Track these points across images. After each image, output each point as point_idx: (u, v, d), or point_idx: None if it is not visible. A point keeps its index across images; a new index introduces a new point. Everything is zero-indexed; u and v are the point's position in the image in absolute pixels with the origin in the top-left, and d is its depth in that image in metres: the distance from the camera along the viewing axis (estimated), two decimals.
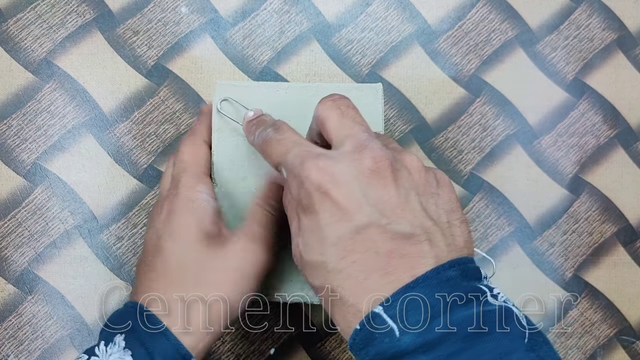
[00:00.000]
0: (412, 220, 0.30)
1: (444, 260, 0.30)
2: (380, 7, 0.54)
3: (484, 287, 0.30)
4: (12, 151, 0.51)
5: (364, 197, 0.30)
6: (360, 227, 0.30)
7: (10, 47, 0.53)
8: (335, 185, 0.30)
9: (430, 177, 0.33)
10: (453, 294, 0.29)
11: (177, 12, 0.53)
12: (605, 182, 0.53)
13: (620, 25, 0.55)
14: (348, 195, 0.30)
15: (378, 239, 0.30)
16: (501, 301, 0.30)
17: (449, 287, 0.29)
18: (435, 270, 0.29)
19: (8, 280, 0.50)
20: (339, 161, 0.31)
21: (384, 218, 0.30)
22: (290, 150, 0.33)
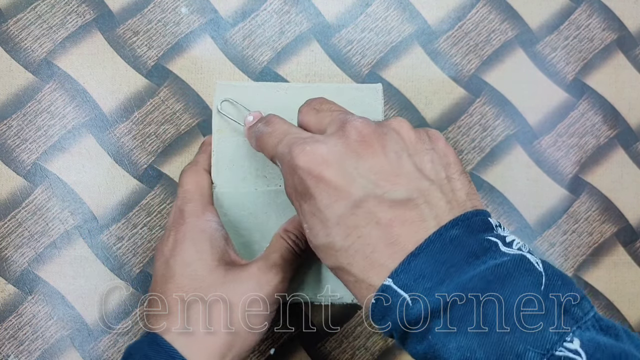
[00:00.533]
0: (407, 185, 0.30)
1: (446, 219, 0.30)
2: (380, 7, 0.54)
3: (493, 239, 0.29)
4: (12, 151, 0.51)
5: (355, 170, 0.30)
6: (357, 201, 0.30)
7: (10, 47, 0.53)
8: (325, 166, 0.30)
9: (421, 135, 0.33)
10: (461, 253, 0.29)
11: (177, 13, 0.53)
12: (605, 182, 0.53)
13: (620, 26, 0.55)
14: (340, 173, 0.30)
15: (377, 210, 0.30)
16: (515, 249, 0.29)
17: (455, 247, 0.29)
18: (438, 232, 0.29)
19: (8, 280, 0.50)
20: (324, 142, 0.31)
21: (379, 188, 0.30)
22: (280, 141, 0.33)
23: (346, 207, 0.30)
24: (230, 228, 0.42)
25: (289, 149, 0.32)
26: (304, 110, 0.36)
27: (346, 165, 0.30)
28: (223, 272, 0.37)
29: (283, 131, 0.34)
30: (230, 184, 0.42)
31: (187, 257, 0.38)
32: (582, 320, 0.27)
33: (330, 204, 0.30)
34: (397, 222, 0.29)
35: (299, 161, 0.31)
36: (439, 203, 0.30)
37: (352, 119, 0.32)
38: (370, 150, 0.31)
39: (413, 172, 0.31)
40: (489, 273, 0.28)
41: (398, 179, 0.30)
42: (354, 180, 0.30)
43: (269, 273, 0.38)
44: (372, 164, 0.30)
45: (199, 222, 0.39)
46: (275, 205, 0.42)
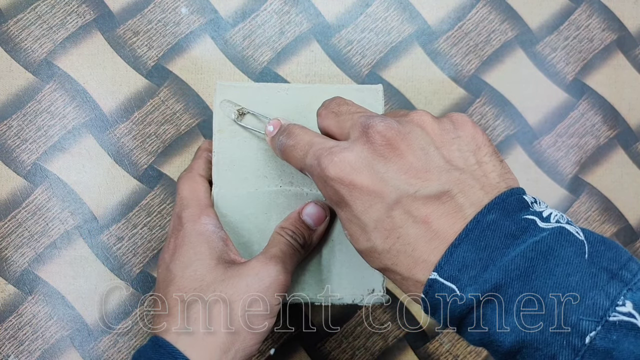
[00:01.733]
0: (438, 178, 0.30)
1: (482, 204, 0.30)
2: (380, 7, 0.54)
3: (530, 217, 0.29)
4: (12, 152, 0.52)
5: (385, 173, 0.30)
6: (392, 203, 0.30)
7: (10, 47, 0.53)
8: (356, 173, 0.31)
9: (446, 124, 0.33)
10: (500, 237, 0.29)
11: (177, 13, 0.53)
12: (605, 182, 0.53)
13: (620, 26, 0.55)
14: (370, 178, 0.31)
15: (412, 209, 0.30)
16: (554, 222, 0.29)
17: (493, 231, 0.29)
18: (475, 220, 0.29)
19: (8, 280, 0.50)
20: (351, 150, 0.31)
21: (411, 186, 0.30)
22: (306, 153, 0.33)
23: (382, 210, 0.30)
24: (230, 228, 0.42)
25: (317, 161, 0.32)
26: (322, 113, 0.36)
27: (375, 169, 0.31)
28: (223, 270, 0.38)
29: (307, 142, 0.34)
30: (231, 184, 0.42)
31: (186, 260, 0.38)
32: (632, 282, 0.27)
33: (365, 210, 0.31)
34: (433, 217, 0.30)
35: (329, 172, 0.31)
36: (473, 190, 0.30)
37: (374, 122, 0.32)
38: (397, 152, 0.31)
39: (442, 165, 0.31)
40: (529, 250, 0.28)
41: (428, 175, 0.30)
42: (385, 183, 0.30)
43: (268, 264, 0.38)
44: (401, 164, 0.31)
45: (196, 226, 0.39)
46: (276, 205, 0.42)
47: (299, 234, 0.40)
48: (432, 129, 0.32)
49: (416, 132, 0.32)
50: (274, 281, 0.37)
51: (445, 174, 0.30)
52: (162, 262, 0.40)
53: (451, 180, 0.30)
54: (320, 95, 0.42)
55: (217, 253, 0.39)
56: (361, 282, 0.42)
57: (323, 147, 0.33)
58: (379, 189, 0.30)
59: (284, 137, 0.36)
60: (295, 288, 0.42)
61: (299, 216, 0.41)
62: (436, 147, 0.31)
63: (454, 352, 0.51)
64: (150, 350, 0.36)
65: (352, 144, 0.32)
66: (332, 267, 0.42)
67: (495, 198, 0.30)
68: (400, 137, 0.31)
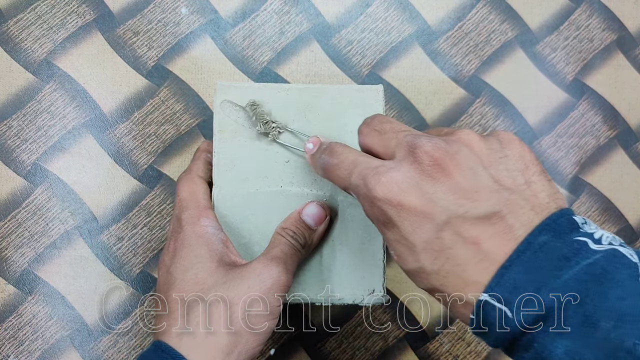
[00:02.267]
0: (488, 199, 0.30)
1: (533, 225, 0.29)
2: (380, 7, 0.54)
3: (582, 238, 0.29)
4: (12, 152, 0.52)
5: (434, 194, 0.30)
6: (441, 224, 0.30)
7: (10, 47, 0.53)
8: (404, 194, 0.30)
9: (493, 143, 0.32)
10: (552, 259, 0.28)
11: (177, 13, 0.53)
12: (605, 182, 0.53)
13: (620, 26, 0.55)
14: (419, 198, 0.30)
15: (462, 230, 0.30)
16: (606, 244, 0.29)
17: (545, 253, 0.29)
18: (526, 241, 0.29)
19: (8, 280, 0.50)
20: (398, 170, 0.31)
21: (460, 207, 0.30)
22: (351, 173, 0.33)
23: (431, 231, 0.30)
24: (231, 229, 0.42)
25: (363, 181, 0.32)
26: (364, 131, 0.35)
27: (424, 190, 0.30)
28: (224, 272, 0.38)
29: (351, 162, 0.34)
30: (231, 185, 0.42)
31: (186, 263, 0.38)
32: None
33: (414, 231, 0.30)
34: (484, 238, 0.29)
35: (376, 193, 0.31)
36: (523, 211, 0.30)
37: (421, 142, 0.31)
38: (445, 172, 0.30)
39: (491, 185, 0.30)
40: (582, 273, 0.28)
41: (477, 195, 0.30)
42: (434, 204, 0.30)
43: (270, 265, 0.38)
44: (449, 185, 0.30)
45: (195, 228, 0.39)
46: (277, 206, 0.42)
47: (299, 234, 0.40)
48: (480, 148, 0.32)
49: (464, 151, 0.31)
50: (276, 282, 0.37)
51: (495, 194, 0.30)
52: (163, 265, 0.40)
53: (501, 201, 0.30)
54: (321, 95, 0.43)
55: (217, 255, 0.38)
56: (362, 282, 0.42)
57: (369, 167, 0.32)
58: (428, 210, 0.30)
59: (327, 155, 0.35)
60: (295, 288, 0.42)
61: (299, 216, 0.41)
62: (484, 166, 0.31)
63: (454, 352, 0.51)
64: (153, 354, 0.36)
65: (398, 164, 0.31)
66: (332, 268, 0.42)
67: (545, 219, 0.30)
68: (448, 157, 0.31)
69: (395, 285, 0.51)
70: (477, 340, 0.51)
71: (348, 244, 0.42)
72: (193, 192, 0.41)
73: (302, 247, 0.40)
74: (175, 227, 0.40)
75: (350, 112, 0.42)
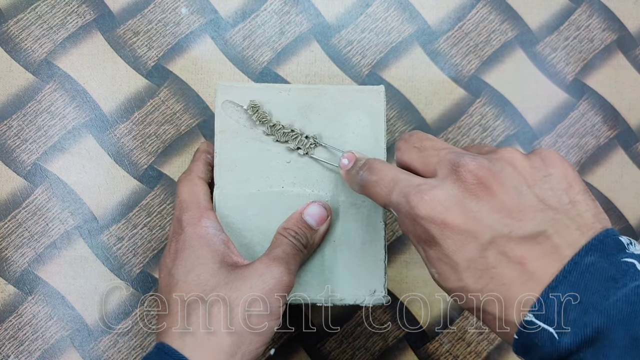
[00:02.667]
0: (533, 218, 0.30)
1: (579, 246, 0.29)
2: (380, 7, 0.54)
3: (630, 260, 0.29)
4: (12, 152, 0.51)
5: (478, 213, 0.30)
6: (486, 243, 0.30)
7: (10, 47, 0.53)
8: (447, 213, 0.30)
9: (536, 162, 0.32)
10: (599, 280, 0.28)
11: (177, 13, 0.53)
12: (605, 182, 0.53)
13: (620, 26, 0.55)
14: (463, 217, 0.30)
15: (507, 249, 0.29)
16: None
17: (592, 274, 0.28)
18: (572, 261, 0.29)
19: (8, 280, 0.50)
20: (441, 188, 0.31)
21: (505, 226, 0.30)
22: (392, 190, 0.33)
23: (475, 250, 0.30)
24: (232, 230, 0.42)
25: (405, 199, 0.32)
26: (402, 147, 0.35)
27: (468, 208, 0.30)
28: (226, 273, 0.37)
29: (391, 179, 0.33)
30: (232, 185, 0.42)
31: (188, 264, 0.38)
32: None
33: (457, 249, 0.30)
34: (529, 258, 0.29)
35: (419, 211, 0.31)
36: (569, 230, 0.30)
37: (465, 161, 0.31)
38: (489, 191, 0.30)
39: (536, 204, 0.30)
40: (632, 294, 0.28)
41: (522, 214, 0.30)
42: (478, 223, 0.30)
43: (272, 265, 0.37)
44: (494, 204, 0.30)
45: (196, 229, 0.39)
46: (278, 206, 0.42)
47: (301, 234, 0.40)
48: (523, 166, 0.31)
49: (507, 170, 0.31)
50: (278, 282, 0.37)
51: (540, 213, 0.30)
52: (164, 267, 0.39)
53: (546, 221, 0.30)
54: (321, 96, 0.43)
55: (219, 256, 0.38)
56: (363, 282, 0.42)
57: (410, 185, 0.32)
58: (472, 229, 0.30)
59: (365, 172, 0.35)
60: (296, 288, 0.42)
61: (301, 216, 0.41)
62: (528, 185, 0.31)
63: (454, 353, 0.51)
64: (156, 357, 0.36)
65: (441, 182, 0.31)
66: (333, 268, 0.42)
67: (592, 239, 0.29)
68: (492, 176, 0.30)
69: (395, 286, 0.51)
70: (477, 340, 0.51)
71: (349, 244, 0.42)
72: (193, 193, 0.41)
73: (304, 247, 0.40)
74: (176, 229, 0.40)
75: (351, 113, 0.42)
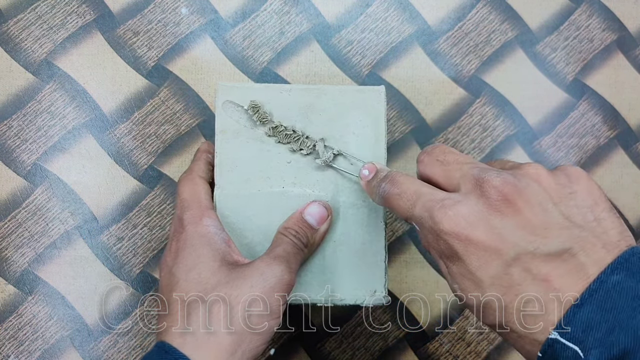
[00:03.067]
0: (559, 235, 0.29)
1: (605, 264, 0.29)
2: (380, 7, 0.54)
3: None
4: (12, 152, 0.51)
5: (502, 229, 0.30)
6: (510, 260, 0.29)
7: (10, 47, 0.53)
8: (472, 228, 0.30)
9: (561, 178, 0.32)
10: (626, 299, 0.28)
11: (177, 13, 0.53)
12: (605, 182, 0.53)
13: (620, 26, 0.55)
14: (487, 233, 0.30)
15: (532, 267, 0.29)
16: None
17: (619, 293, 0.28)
18: (599, 280, 0.28)
19: (8, 280, 0.50)
20: (465, 203, 0.31)
21: (530, 244, 0.29)
22: (414, 204, 0.33)
23: (499, 267, 0.30)
24: (233, 229, 0.42)
25: (428, 213, 0.31)
26: (425, 160, 0.35)
27: (492, 225, 0.30)
28: (226, 272, 0.37)
29: (414, 192, 0.33)
30: (233, 185, 0.42)
31: (189, 263, 0.38)
32: None
33: (481, 266, 0.30)
34: (554, 275, 0.29)
35: (443, 226, 0.31)
36: (595, 248, 0.29)
37: (489, 176, 0.31)
38: (514, 207, 0.30)
39: (561, 222, 0.30)
40: None
41: (548, 232, 0.30)
42: (503, 240, 0.30)
43: (273, 264, 0.37)
44: (518, 220, 0.30)
45: (197, 228, 0.39)
46: (279, 206, 0.42)
47: (302, 233, 0.40)
48: (549, 183, 0.31)
49: (533, 186, 0.31)
50: (279, 281, 0.37)
51: (566, 231, 0.30)
52: (165, 266, 0.39)
53: (572, 238, 0.29)
54: (322, 96, 0.43)
55: (219, 255, 0.38)
56: (363, 283, 0.42)
57: (433, 199, 0.32)
58: (497, 245, 0.30)
59: (387, 184, 0.35)
60: (297, 288, 0.42)
61: (302, 216, 0.41)
62: (554, 202, 0.30)
63: (454, 353, 0.51)
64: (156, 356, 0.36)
65: (465, 197, 0.31)
66: (334, 268, 0.42)
67: (618, 257, 0.29)
68: (517, 193, 0.30)
69: (395, 286, 0.52)
70: (477, 340, 0.51)
71: (350, 244, 0.42)
72: (194, 192, 0.41)
73: (305, 247, 0.40)
74: (177, 228, 0.40)
75: (352, 113, 0.42)
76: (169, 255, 0.40)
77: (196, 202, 0.41)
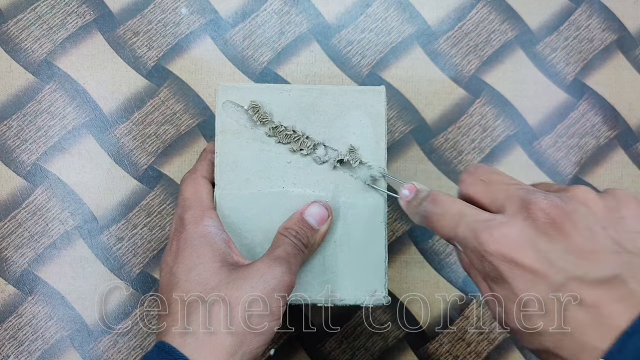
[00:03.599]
0: (609, 261, 0.29)
1: None
2: (380, 8, 0.54)
3: None
4: (12, 152, 0.51)
5: (550, 253, 0.29)
6: (558, 285, 0.29)
7: (10, 48, 0.53)
8: (518, 251, 0.30)
9: (610, 202, 0.31)
10: None
11: (177, 13, 0.53)
12: (605, 183, 0.53)
13: (620, 26, 0.55)
14: (535, 257, 0.29)
15: (581, 292, 0.28)
16: None
17: None
18: None
19: (8, 281, 0.50)
20: (511, 225, 0.30)
21: (579, 268, 0.29)
22: (458, 224, 0.32)
23: (546, 291, 0.29)
24: (233, 230, 0.42)
25: (473, 234, 0.31)
26: (468, 180, 0.34)
27: (539, 248, 0.29)
28: (227, 272, 0.37)
29: (457, 212, 0.33)
30: (233, 185, 0.42)
31: (189, 263, 0.38)
32: None
33: (527, 289, 0.30)
34: (604, 302, 0.28)
35: (488, 248, 0.30)
36: None
37: (536, 199, 0.30)
38: (561, 231, 0.29)
39: (611, 246, 0.29)
40: None
41: (597, 257, 0.29)
42: (551, 264, 0.29)
43: (273, 265, 0.37)
44: (566, 245, 0.29)
45: (198, 228, 0.39)
46: (279, 206, 0.42)
47: (302, 234, 0.40)
48: (597, 207, 0.30)
49: (581, 210, 0.30)
50: (279, 282, 0.37)
51: (615, 256, 0.29)
52: (165, 266, 0.39)
53: (622, 264, 0.29)
54: (322, 96, 0.43)
55: (220, 255, 0.38)
56: (363, 283, 0.42)
57: (477, 220, 0.31)
58: (544, 269, 0.29)
59: (429, 204, 0.35)
60: (297, 289, 0.42)
61: (302, 216, 0.41)
62: (603, 227, 0.30)
63: (454, 353, 0.51)
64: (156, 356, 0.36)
65: (511, 219, 0.31)
66: (334, 269, 0.42)
67: None
68: (565, 216, 0.29)
69: (395, 286, 0.52)
70: (477, 340, 0.51)
71: (350, 245, 0.42)
72: (197, 192, 0.41)
73: (305, 247, 0.40)
74: (177, 227, 0.40)
75: (352, 113, 0.42)
76: (169, 254, 0.39)
77: (198, 201, 0.41)
